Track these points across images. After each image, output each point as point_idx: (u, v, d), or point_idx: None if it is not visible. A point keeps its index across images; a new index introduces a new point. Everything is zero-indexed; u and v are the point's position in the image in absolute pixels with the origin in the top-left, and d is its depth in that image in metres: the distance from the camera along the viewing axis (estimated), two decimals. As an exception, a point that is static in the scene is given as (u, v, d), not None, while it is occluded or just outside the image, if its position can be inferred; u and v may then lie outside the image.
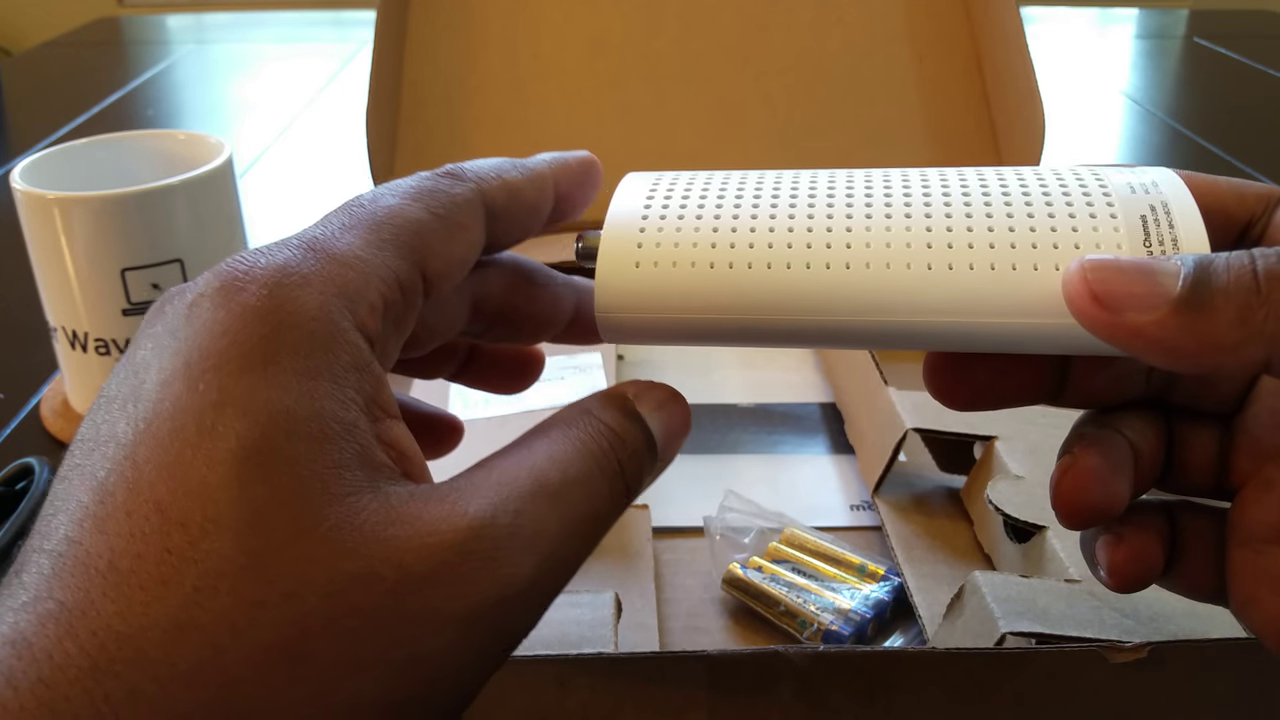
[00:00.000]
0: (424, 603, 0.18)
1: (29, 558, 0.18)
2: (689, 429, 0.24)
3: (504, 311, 0.27)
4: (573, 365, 0.51)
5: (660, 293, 0.24)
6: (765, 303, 0.23)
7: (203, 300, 0.19)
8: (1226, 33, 1.27)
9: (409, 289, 0.21)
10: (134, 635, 0.16)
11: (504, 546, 0.19)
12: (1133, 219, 0.22)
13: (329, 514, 0.18)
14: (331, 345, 0.19)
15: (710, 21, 0.68)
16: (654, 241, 0.24)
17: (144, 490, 0.17)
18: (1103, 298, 0.21)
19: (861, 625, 0.38)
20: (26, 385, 0.58)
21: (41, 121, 1.02)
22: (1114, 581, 0.25)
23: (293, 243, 0.20)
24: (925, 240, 0.23)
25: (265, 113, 1.04)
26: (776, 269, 0.23)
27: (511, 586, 0.19)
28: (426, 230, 0.22)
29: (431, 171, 0.23)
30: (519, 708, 0.29)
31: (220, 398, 0.18)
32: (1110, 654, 0.29)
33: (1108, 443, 0.25)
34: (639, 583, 0.39)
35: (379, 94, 0.63)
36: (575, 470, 0.21)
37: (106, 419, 0.19)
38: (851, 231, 0.23)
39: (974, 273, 0.22)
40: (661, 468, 0.24)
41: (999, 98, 0.66)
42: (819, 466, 0.49)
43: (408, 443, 0.20)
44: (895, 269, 0.23)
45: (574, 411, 0.22)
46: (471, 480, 0.20)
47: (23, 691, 0.16)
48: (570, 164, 0.26)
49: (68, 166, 0.51)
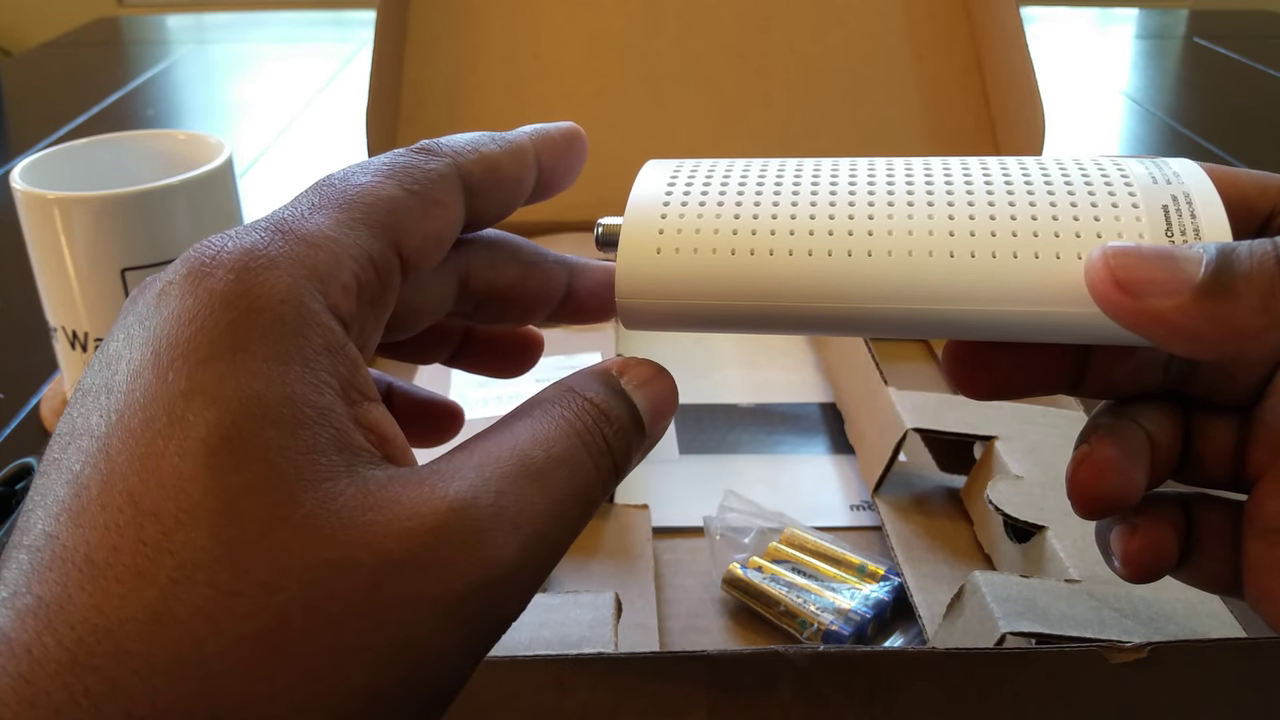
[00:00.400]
0: (405, 588, 0.17)
1: (10, 554, 0.18)
2: (676, 405, 0.24)
3: (492, 290, 0.26)
4: (572, 365, 0.51)
5: (682, 279, 0.24)
6: (787, 290, 0.23)
7: (171, 288, 0.19)
8: (1226, 33, 1.27)
9: (384, 268, 0.21)
10: (112, 629, 0.16)
11: (487, 528, 0.18)
12: (1154, 208, 0.22)
13: (304, 500, 0.17)
14: (302, 328, 0.19)
15: (710, 21, 0.68)
16: (675, 228, 0.24)
17: (118, 482, 0.17)
18: (1125, 284, 0.21)
19: (861, 625, 0.38)
20: (26, 385, 0.58)
21: (41, 121, 1.02)
22: (1128, 571, 0.25)
23: (261, 225, 0.20)
24: (947, 228, 0.23)
25: (265, 113, 1.04)
26: (798, 256, 0.23)
27: (496, 568, 0.18)
28: (400, 207, 0.21)
29: (406, 148, 0.23)
30: (519, 708, 0.29)
31: (189, 386, 0.18)
32: (1110, 654, 0.29)
33: (1124, 433, 0.25)
34: (639, 583, 0.39)
35: (379, 94, 0.63)
36: (560, 448, 0.20)
37: (81, 412, 0.19)
38: (874, 219, 0.23)
39: (996, 261, 0.22)
40: (649, 445, 0.23)
41: (999, 98, 0.66)
42: (819, 466, 0.49)
43: (387, 425, 0.20)
44: (917, 256, 0.23)
45: (557, 390, 0.22)
46: (452, 462, 0.20)
47: (2, 687, 0.16)
48: (552, 135, 0.25)
49: (68, 166, 0.51)
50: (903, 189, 0.24)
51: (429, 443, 0.28)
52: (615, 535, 0.42)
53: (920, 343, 0.61)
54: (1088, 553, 0.36)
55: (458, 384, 0.51)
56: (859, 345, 0.51)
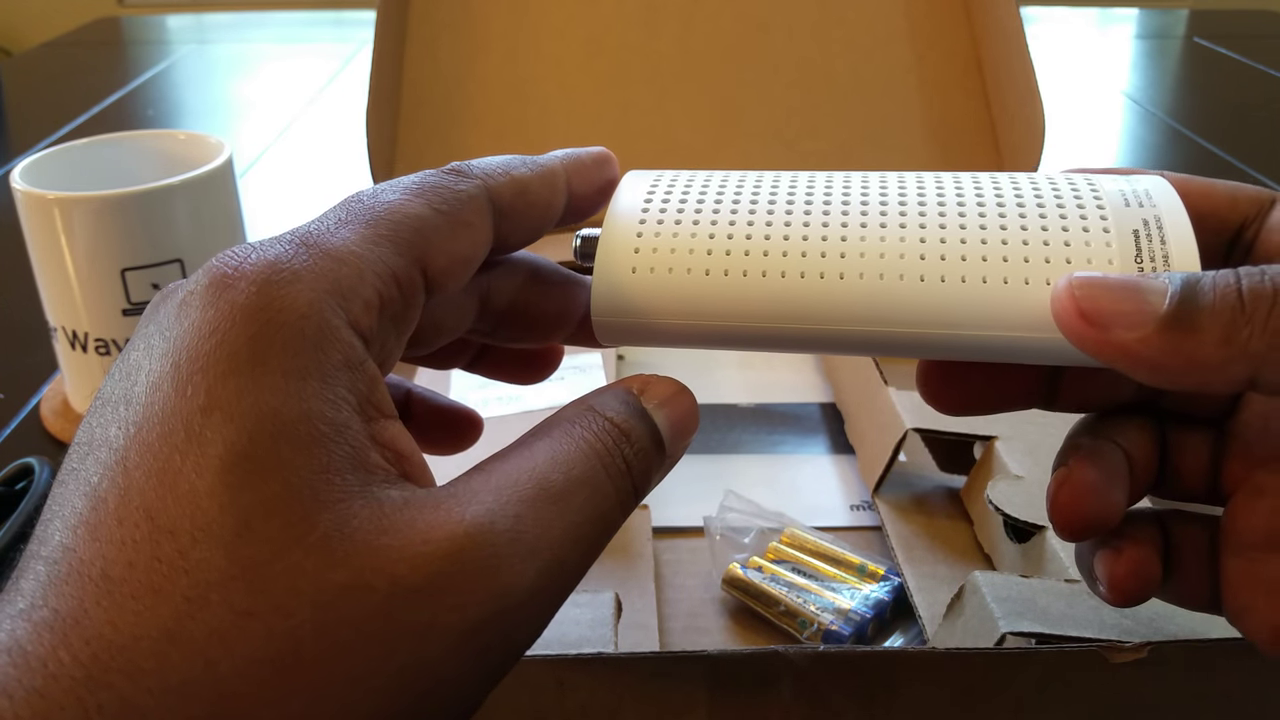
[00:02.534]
0: (418, 615, 0.17)
1: (28, 564, 0.17)
2: (697, 424, 0.24)
3: (514, 310, 0.26)
4: (573, 365, 0.51)
5: (656, 298, 0.24)
6: (760, 311, 0.23)
7: (192, 298, 0.19)
8: (1226, 33, 1.27)
9: (408, 286, 0.21)
10: (127, 645, 0.16)
11: (504, 554, 0.18)
12: (1125, 233, 0.22)
13: (319, 522, 0.17)
14: (322, 343, 0.19)
15: (710, 21, 0.68)
16: (651, 246, 0.24)
17: (134, 497, 0.17)
18: (1090, 314, 0.21)
19: (861, 625, 0.38)
20: (26, 385, 0.58)
21: (41, 121, 1.02)
22: (1114, 596, 0.25)
23: (286, 238, 0.20)
24: (919, 251, 0.23)
25: (265, 113, 1.04)
26: (771, 278, 0.23)
27: (513, 596, 0.18)
28: (428, 227, 0.21)
29: (437, 169, 0.23)
30: (519, 708, 0.29)
31: (208, 401, 0.18)
32: (1110, 654, 0.29)
33: (1102, 453, 0.25)
34: (639, 583, 0.39)
35: (379, 94, 0.63)
36: (579, 471, 0.20)
37: (100, 423, 0.19)
38: (846, 241, 0.23)
39: (965, 285, 0.22)
40: (670, 464, 0.23)
41: (999, 98, 0.66)
42: (819, 466, 0.49)
43: (405, 442, 0.20)
44: (889, 280, 0.23)
45: (577, 409, 0.22)
46: (469, 485, 0.19)
47: (18, 701, 0.16)
48: (584, 160, 0.25)
49: (68, 166, 0.51)
50: (877, 209, 0.24)
51: (448, 450, 0.28)
52: (615, 535, 0.42)
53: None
54: (1088, 553, 0.36)
55: (458, 385, 0.51)
56: (859, 345, 0.51)
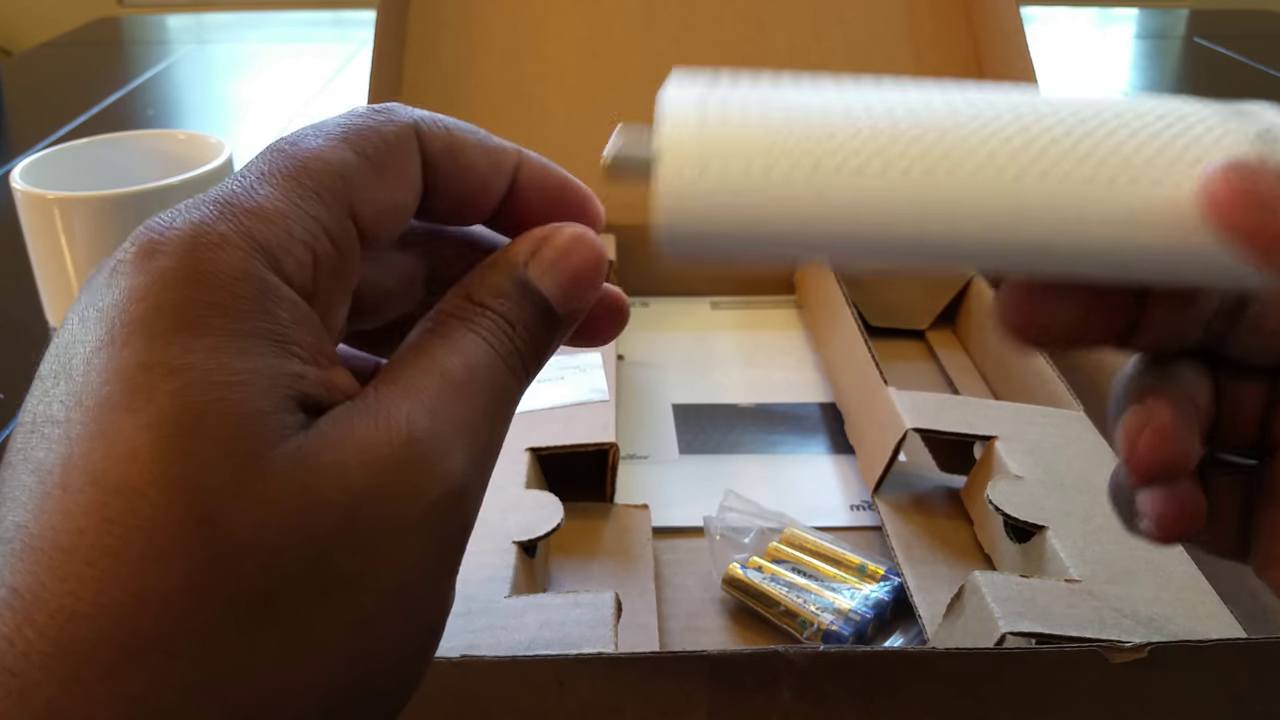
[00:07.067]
0: (377, 516, 0.18)
1: None
2: (599, 273, 0.23)
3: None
4: (573, 365, 0.51)
5: (739, 198, 0.20)
6: (874, 214, 0.20)
7: (122, 266, 0.19)
8: (1226, 33, 1.27)
9: (340, 238, 0.21)
10: (91, 614, 0.16)
11: (434, 445, 0.19)
12: (1249, 135, 0.21)
13: (270, 457, 0.18)
14: (257, 300, 0.19)
15: (710, 21, 0.68)
16: (728, 138, 0.20)
17: (78, 462, 0.17)
18: (1250, 196, 0.19)
19: (861, 625, 0.38)
20: (26, 385, 0.57)
21: (41, 121, 1.02)
22: (1162, 534, 0.24)
23: (209, 199, 0.20)
24: (1045, 149, 0.20)
25: (265, 113, 1.04)
26: (891, 173, 0.20)
27: (452, 479, 0.19)
28: (352, 173, 0.21)
29: (367, 106, 0.22)
30: (519, 708, 0.29)
31: (147, 358, 0.18)
32: (1110, 654, 0.29)
33: (1177, 395, 0.24)
34: (639, 583, 0.39)
35: (379, 94, 0.63)
36: (473, 359, 0.21)
37: (42, 399, 0.19)
38: (964, 136, 0.20)
39: (1090, 184, 0.20)
40: (569, 324, 0.23)
41: (999, 98, 0.66)
42: (819, 466, 0.49)
43: (349, 386, 0.20)
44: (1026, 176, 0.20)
45: (459, 300, 0.22)
46: (389, 392, 0.20)
47: None
48: (548, 170, 0.24)
49: (68, 166, 0.51)
50: (986, 109, 0.21)
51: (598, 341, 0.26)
52: (615, 535, 0.42)
53: (920, 342, 0.61)
54: (1088, 552, 0.36)
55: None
56: (859, 345, 0.51)
